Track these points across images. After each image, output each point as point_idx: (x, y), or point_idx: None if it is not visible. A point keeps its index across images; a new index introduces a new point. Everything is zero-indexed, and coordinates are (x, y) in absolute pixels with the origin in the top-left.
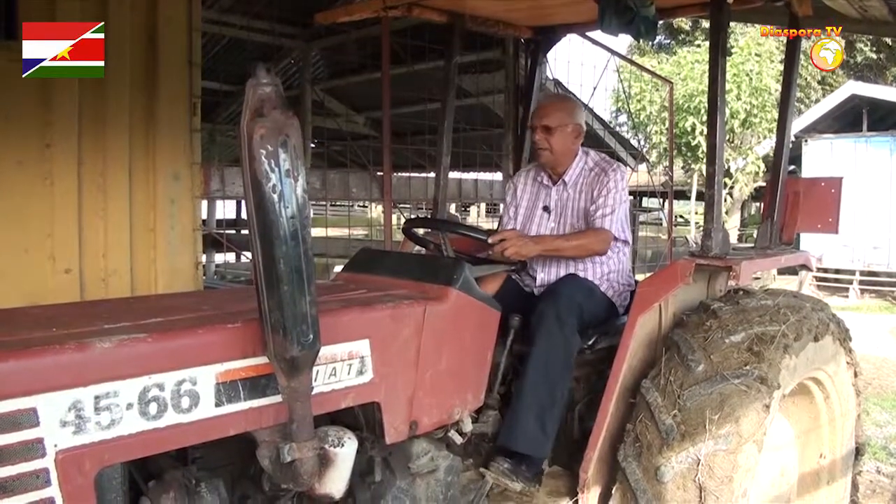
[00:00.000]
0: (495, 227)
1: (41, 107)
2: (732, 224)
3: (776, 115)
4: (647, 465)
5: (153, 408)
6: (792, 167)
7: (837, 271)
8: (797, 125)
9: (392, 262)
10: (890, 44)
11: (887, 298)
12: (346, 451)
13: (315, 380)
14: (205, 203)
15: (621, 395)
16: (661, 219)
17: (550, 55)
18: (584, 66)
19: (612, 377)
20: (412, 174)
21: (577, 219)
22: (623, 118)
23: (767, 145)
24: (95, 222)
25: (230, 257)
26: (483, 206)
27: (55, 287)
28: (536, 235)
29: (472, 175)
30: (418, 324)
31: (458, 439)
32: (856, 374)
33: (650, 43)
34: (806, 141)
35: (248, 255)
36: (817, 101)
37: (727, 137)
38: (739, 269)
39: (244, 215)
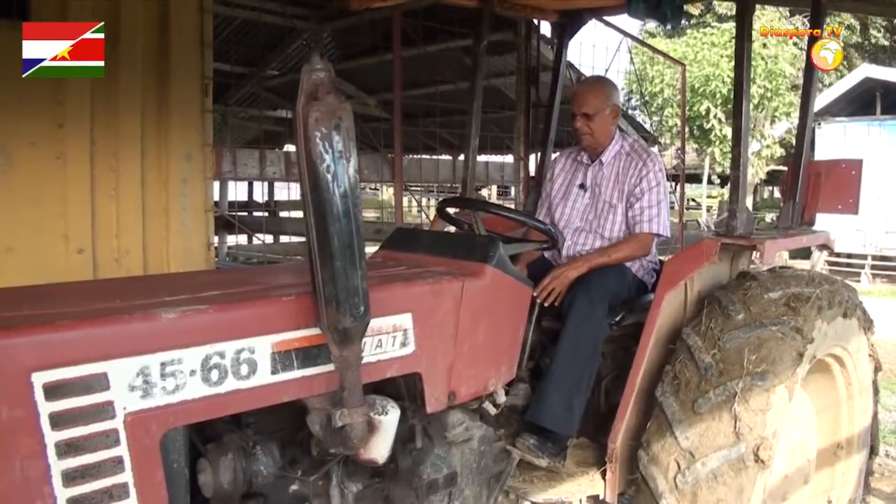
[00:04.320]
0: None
1: (53, 87)
2: None
3: (790, 99)
4: (685, 398)
5: (214, 374)
6: None
7: (849, 256)
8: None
9: (428, 241)
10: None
11: None
12: (390, 418)
13: (362, 351)
14: (217, 184)
15: (647, 369)
16: (672, 202)
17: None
18: (597, 47)
19: (639, 352)
20: (423, 156)
21: (609, 197)
22: (635, 101)
23: (782, 128)
24: (108, 203)
25: (242, 239)
26: (494, 188)
27: (68, 267)
28: (580, 258)
29: (483, 157)
30: (457, 299)
31: (493, 410)
32: (876, 370)
33: (663, 26)
34: (819, 124)
35: (261, 236)
36: (831, 84)
37: None
38: (764, 247)
39: (256, 197)
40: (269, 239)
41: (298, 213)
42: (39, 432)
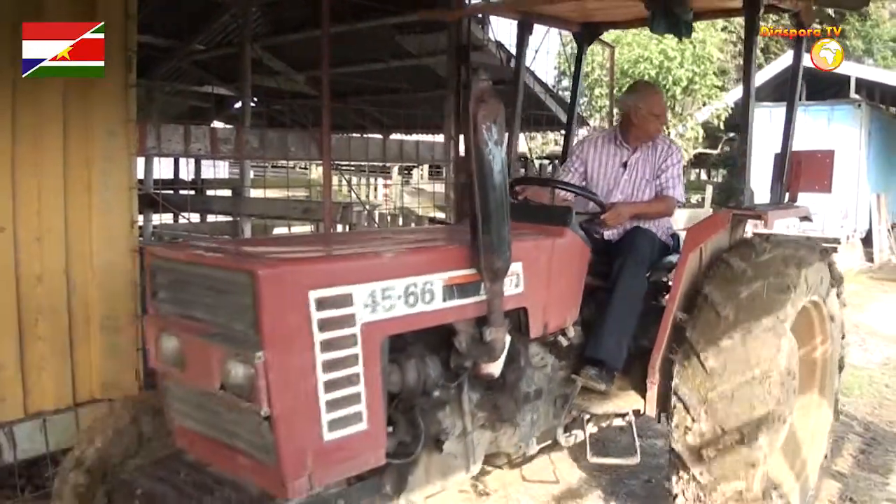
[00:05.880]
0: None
1: None
2: None
3: (717, 83)
4: (709, 336)
5: (411, 299)
6: (731, 134)
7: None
8: (737, 93)
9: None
10: (832, 15)
11: None
12: (506, 342)
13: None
14: (142, 162)
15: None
16: None
17: (492, 18)
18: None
19: (670, 301)
20: (353, 135)
21: (643, 175)
22: (566, 82)
23: (708, 112)
24: (29, 180)
25: (168, 218)
26: (426, 168)
27: None
28: (628, 203)
29: (414, 137)
30: (549, 253)
31: (565, 342)
32: (842, 306)
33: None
34: None
35: (187, 215)
36: (760, 66)
37: (669, 104)
38: (768, 217)
39: (182, 175)
40: (195, 218)
41: (226, 192)
42: (311, 332)
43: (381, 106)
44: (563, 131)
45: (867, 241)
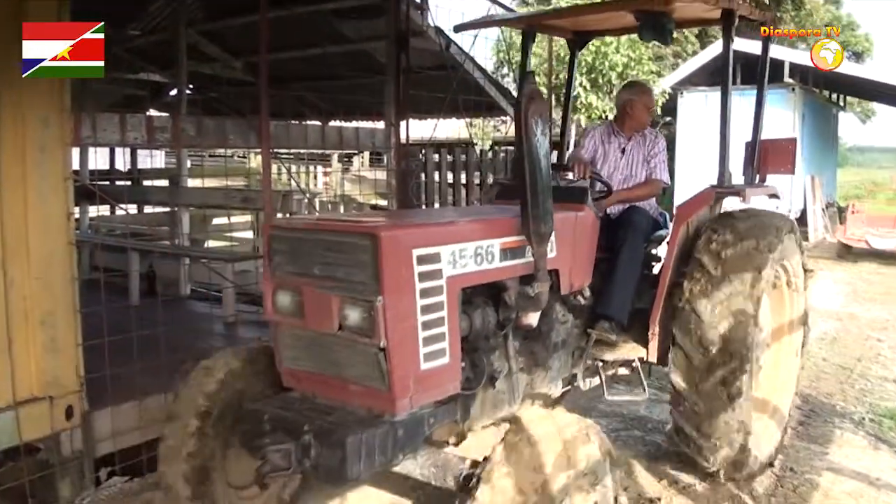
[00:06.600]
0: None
1: None
2: None
3: (650, 68)
4: (703, 290)
5: (479, 259)
6: (668, 119)
7: None
8: (673, 78)
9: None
10: (767, 1)
11: None
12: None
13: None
14: (77, 153)
15: (671, 276)
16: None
17: (432, 2)
18: (466, 15)
19: (665, 265)
20: (292, 122)
21: (637, 159)
22: (506, 69)
23: None
24: None
25: (105, 210)
26: (367, 155)
27: None
28: (623, 190)
29: (354, 124)
30: (573, 224)
31: (582, 301)
32: (806, 273)
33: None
34: (681, 93)
35: (126, 207)
36: (694, 53)
37: (606, 90)
38: (745, 194)
39: (119, 165)
40: (133, 209)
41: (163, 182)
42: (414, 282)
43: (321, 92)
44: (503, 118)
45: (802, 220)
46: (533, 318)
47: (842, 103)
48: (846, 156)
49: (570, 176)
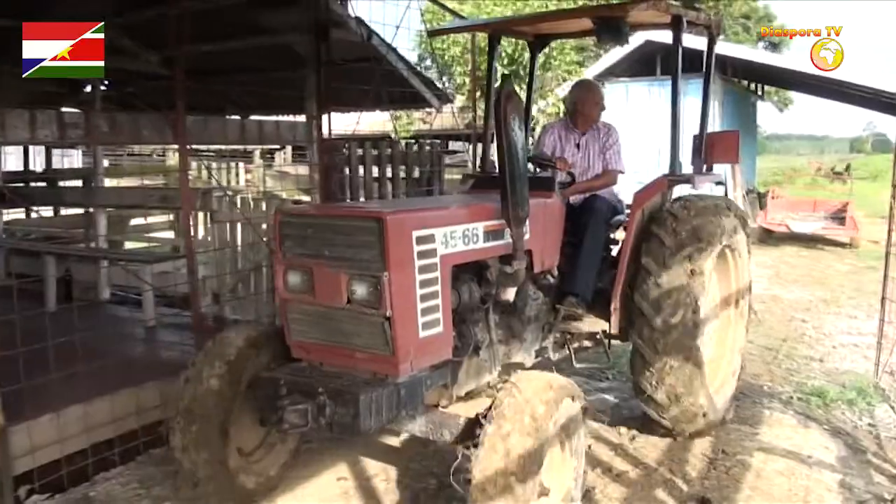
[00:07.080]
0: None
1: None
2: None
3: (574, 58)
4: (659, 261)
5: (466, 239)
6: None
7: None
8: (595, 69)
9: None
10: None
11: None
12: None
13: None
14: None
15: (630, 255)
16: (465, 160)
17: None
18: (387, 5)
19: (624, 247)
20: (210, 116)
21: (593, 152)
22: (430, 61)
23: (568, 87)
24: None
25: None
26: (290, 149)
27: None
28: (583, 182)
29: (273, 118)
30: (542, 210)
31: (552, 280)
32: (749, 253)
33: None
34: (604, 84)
35: (41, 210)
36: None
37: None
38: (695, 181)
39: (34, 166)
40: (48, 212)
41: (79, 182)
42: (413, 259)
43: (242, 86)
44: (427, 109)
45: None
46: (510, 294)
47: (760, 92)
48: (765, 144)
49: (549, 172)
